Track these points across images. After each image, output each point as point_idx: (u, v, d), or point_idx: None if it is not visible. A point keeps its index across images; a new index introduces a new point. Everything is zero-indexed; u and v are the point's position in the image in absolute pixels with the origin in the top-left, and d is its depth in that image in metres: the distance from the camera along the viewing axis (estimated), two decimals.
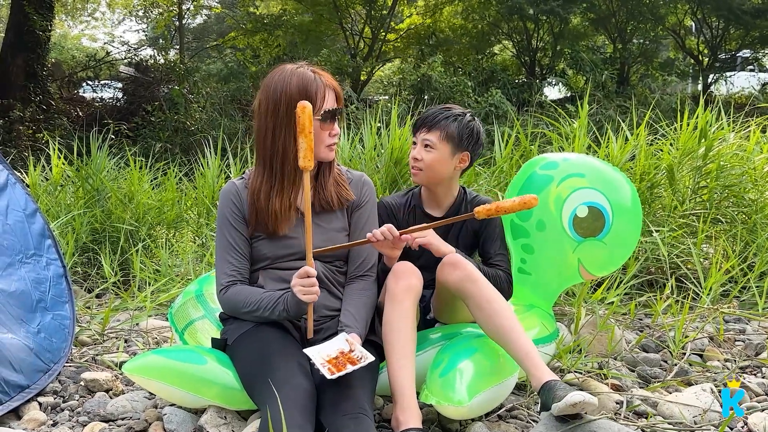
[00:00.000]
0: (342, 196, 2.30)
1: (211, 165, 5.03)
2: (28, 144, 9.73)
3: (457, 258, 2.29)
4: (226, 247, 2.25)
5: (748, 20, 14.37)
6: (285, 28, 14.98)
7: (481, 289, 2.21)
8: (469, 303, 2.23)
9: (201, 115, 10.99)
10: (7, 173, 3.01)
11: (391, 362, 2.13)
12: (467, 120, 2.52)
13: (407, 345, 2.14)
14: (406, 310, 2.17)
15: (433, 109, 2.54)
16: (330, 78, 2.24)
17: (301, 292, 2.05)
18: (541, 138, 5.10)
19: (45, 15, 12.03)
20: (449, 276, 2.26)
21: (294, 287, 2.06)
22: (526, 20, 14.63)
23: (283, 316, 2.14)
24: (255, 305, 2.16)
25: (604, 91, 13.17)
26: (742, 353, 3.02)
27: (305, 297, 2.05)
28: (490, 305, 2.19)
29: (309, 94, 2.15)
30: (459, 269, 2.24)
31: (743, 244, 3.96)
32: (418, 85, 12.29)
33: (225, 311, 2.31)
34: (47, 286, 2.84)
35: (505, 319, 2.17)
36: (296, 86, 2.16)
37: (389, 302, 2.19)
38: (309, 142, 2.05)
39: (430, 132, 2.49)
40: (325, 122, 2.19)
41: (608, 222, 2.60)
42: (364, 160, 4.48)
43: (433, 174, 2.51)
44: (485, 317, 2.19)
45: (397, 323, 2.15)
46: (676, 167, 4.24)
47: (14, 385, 2.35)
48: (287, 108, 2.14)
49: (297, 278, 2.06)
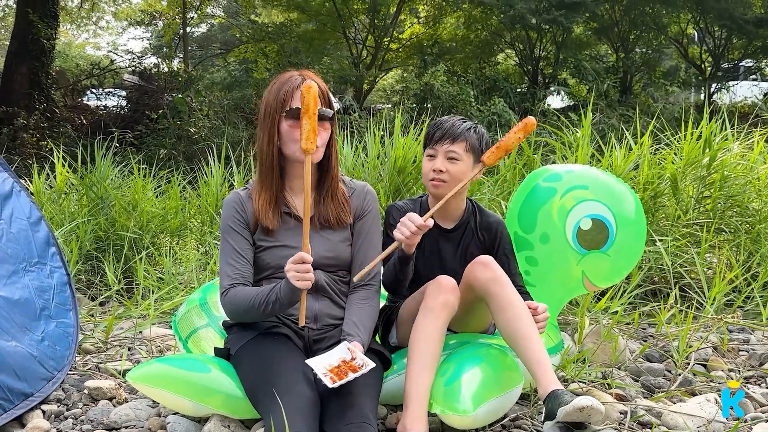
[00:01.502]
0: (341, 219, 2.30)
1: (215, 173, 5.04)
2: (33, 152, 9.74)
3: (490, 259, 2.33)
4: (230, 252, 2.25)
5: (750, 30, 14.38)
6: (289, 37, 15.02)
7: (505, 292, 2.25)
8: (492, 304, 2.26)
9: (204, 123, 11.02)
10: (12, 181, 3.03)
11: (411, 369, 2.15)
12: (482, 131, 2.52)
13: (432, 357, 2.17)
14: (439, 324, 2.20)
15: (449, 121, 2.50)
16: (314, 78, 2.24)
17: (295, 278, 2.02)
18: (544, 147, 5.10)
19: (50, 23, 12.09)
20: (479, 274, 2.29)
21: (288, 272, 2.03)
22: (528, 29, 14.65)
23: (276, 307, 2.10)
24: (251, 302, 2.14)
25: (607, 100, 13.17)
26: (746, 363, 3.02)
27: (299, 283, 2.02)
28: (512, 309, 2.22)
29: (280, 94, 2.22)
30: (489, 270, 2.28)
31: (747, 253, 3.95)
32: (421, 94, 12.31)
33: (227, 315, 2.29)
34: (51, 294, 2.84)
35: (523, 325, 2.20)
36: (275, 90, 2.25)
37: (425, 312, 2.21)
38: (312, 124, 2.06)
39: (455, 143, 2.44)
40: (290, 120, 2.20)
41: (612, 234, 2.60)
42: (368, 169, 4.48)
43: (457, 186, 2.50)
44: (505, 320, 2.22)
45: (429, 334, 2.18)
46: (680, 177, 4.24)
47: (18, 392, 2.35)
48: (266, 111, 2.24)
49: (291, 263, 2.03)
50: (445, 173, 2.46)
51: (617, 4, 14.76)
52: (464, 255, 2.54)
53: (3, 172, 3.02)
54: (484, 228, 2.57)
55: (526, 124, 2.28)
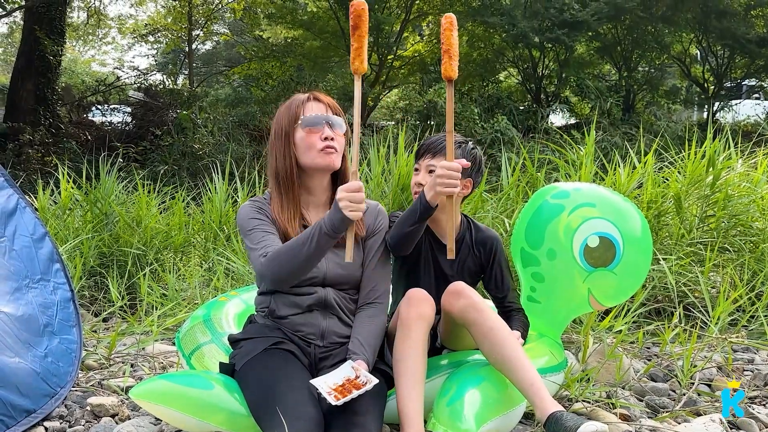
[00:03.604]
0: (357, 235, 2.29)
1: (219, 189, 5.05)
2: (37, 167, 9.79)
3: (462, 286, 2.27)
4: (260, 233, 2.20)
5: (753, 49, 14.45)
6: (294, 55, 15.13)
7: (485, 317, 2.20)
8: (473, 331, 2.22)
9: (209, 139, 11.06)
10: (17, 197, 3.04)
11: (400, 389, 2.13)
12: (470, 148, 2.54)
13: (416, 373, 2.14)
14: (416, 339, 2.16)
15: (436, 136, 2.55)
16: (322, 95, 2.32)
17: (347, 208, 1.97)
18: (547, 165, 5.11)
19: (56, 40, 12.19)
20: (453, 304, 2.25)
21: (341, 201, 1.98)
22: (531, 48, 14.73)
23: (321, 242, 2.02)
24: (295, 243, 2.07)
25: (610, 118, 13.21)
26: (751, 383, 3.00)
27: (350, 213, 1.97)
28: (494, 334, 2.18)
29: (291, 110, 2.27)
30: (463, 297, 2.23)
31: (751, 273, 3.94)
32: (425, 112, 12.35)
33: (271, 279, 2.16)
34: (54, 311, 2.84)
35: (509, 349, 2.16)
36: (284, 108, 2.30)
37: (401, 329, 2.18)
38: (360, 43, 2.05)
39: (435, 158, 2.49)
40: (308, 127, 2.24)
41: (619, 252, 2.60)
42: (371, 186, 4.49)
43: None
44: (489, 346, 2.19)
45: (408, 351, 2.15)
46: (684, 196, 4.24)
47: (21, 409, 2.35)
48: (278, 130, 2.28)
49: (345, 191, 1.98)
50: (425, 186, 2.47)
51: (620, 23, 14.85)
52: (461, 270, 2.55)
53: (8, 188, 3.03)
54: (480, 243, 2.58)
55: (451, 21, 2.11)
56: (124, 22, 22.59)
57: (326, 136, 2.24)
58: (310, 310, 2.25)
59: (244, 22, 17.80)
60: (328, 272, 2.26)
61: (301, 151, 2.26)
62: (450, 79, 2.14)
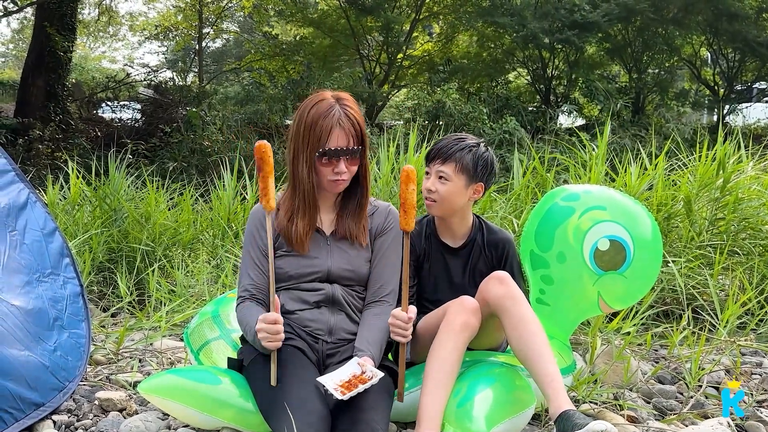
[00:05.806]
0: (357, 238, 2.30)
1: (227, 186, 5.06)
2: (47, 163, 9.83)
3: (506, 275, 2.31)
4: (249, 263, 2.29)
5: (763, 52, 14.36)
6: (304, 54, 15.14)
7: (519, 308, 2.24)
8: (505, 320, 2.25)
9: (218, 136, 11.09)
10: (28, 192, 3.05)
11: (426, 386, 2.15)
12: (482, 151, 2.49)
13: (448, 376, 2.17)
14: (459, 344, 2.20)
15: (446, 140, 2.51)
16: (352, 117, 2.20)
17: (265, 339, 2.04)
18: (557, 166, 5.10)
19: (67, 36, 12.23)
20: (494, 289, 2.28)
21: (259, 332, 2.05)
22: (541, 49, 14.69)
23: (257, 345, 2.13)
24: (244, 328, 2.21)
25: (619, 120, 13.18)
26: (759, 387, 2.99)
27: (268, 344, 2.05)
28: (525, 326, 2.21)
29: (316, 127, 2.17)
30: (504, 285, 2.27)
31: (760, 276, 3.92)
32: (434, 111, 12.34)
33: None
34: (64, 305, 2.86)
35: (537, 343, 2.19)
36: (311, 116, 2.19)
37: (446, 329, 2.22)
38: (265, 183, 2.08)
39: (445, 164, 2.46)
40: (323, 159, 2.19)
41: (630, 256, 2.59)
42: (380, 186, 4.49)
43: (449, 206, 2.49)
44: (517, 337, 2.21)
45: (448, 353, 2.19)
46: (694, 198, 4.22)
47: (29, 402, 2.36)
48: (304, 132, 2.19)
49: (263, 322, 2.04)
50: (435, 193, 2.46)
51: (630, 24, 14.80)
52: (473, 273, 2.54)
53: (19, 183, 3.05)
54: (491, 245, 2.57)
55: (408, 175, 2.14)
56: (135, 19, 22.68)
57: (339, 170, 2.21)
58: (318, 307, 2.26)
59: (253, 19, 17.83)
60: (334, 268, 2.26)
61: (318, 173, 2.24)
62: (406, 231, 2.19)
